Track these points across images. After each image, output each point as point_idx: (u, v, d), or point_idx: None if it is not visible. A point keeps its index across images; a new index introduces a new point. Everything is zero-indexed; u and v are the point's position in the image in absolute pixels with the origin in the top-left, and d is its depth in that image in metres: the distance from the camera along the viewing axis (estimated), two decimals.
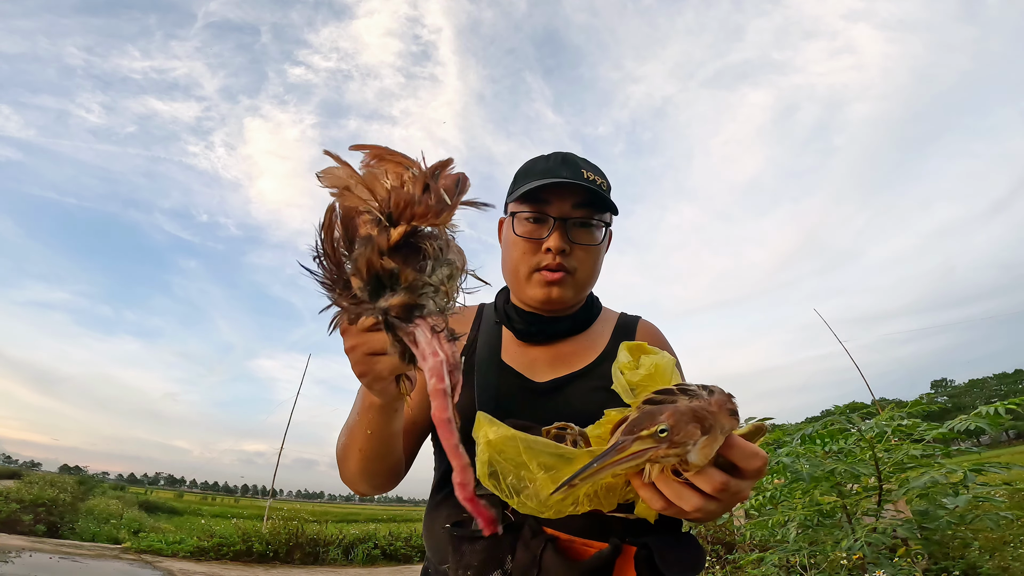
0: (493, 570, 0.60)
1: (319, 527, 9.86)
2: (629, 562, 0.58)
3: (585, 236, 0.82)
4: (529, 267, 0.83)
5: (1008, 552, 2.30)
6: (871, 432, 2.07)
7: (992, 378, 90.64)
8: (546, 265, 0.81)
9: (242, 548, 8.29)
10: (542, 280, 0.82)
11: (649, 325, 0.94)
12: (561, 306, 0.85)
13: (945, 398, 58.28)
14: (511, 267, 0.86)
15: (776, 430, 2.78)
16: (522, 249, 0.83)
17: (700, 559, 0.64)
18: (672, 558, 0.59)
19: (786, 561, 2.56)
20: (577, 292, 0.85)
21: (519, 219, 0.83)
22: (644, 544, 0.59)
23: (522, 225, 0.82)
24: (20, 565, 6.03)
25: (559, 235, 0.80)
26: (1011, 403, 1.85)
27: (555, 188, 0.80)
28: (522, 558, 0.59)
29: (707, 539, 4.21)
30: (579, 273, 0.83)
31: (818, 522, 2.30)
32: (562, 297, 0.83)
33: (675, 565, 0.59)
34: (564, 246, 0.80)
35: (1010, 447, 52.25)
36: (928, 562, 2.26)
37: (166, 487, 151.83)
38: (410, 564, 9.71)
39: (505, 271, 0.89)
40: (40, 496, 10.01)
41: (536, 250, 0.82)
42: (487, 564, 0.60)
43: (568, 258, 0.81)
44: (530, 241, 0.82)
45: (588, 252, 0.83)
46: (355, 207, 0.47)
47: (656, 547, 0.59)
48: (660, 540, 0.60)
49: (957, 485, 1.86)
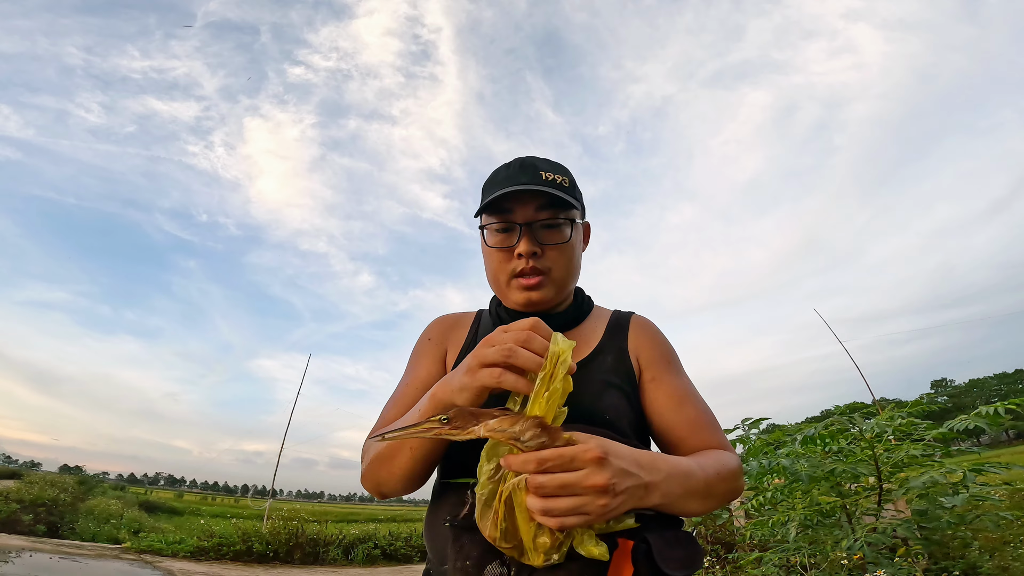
0: (491, 560, 0.60)
1: (319, 527, 9.85)
2: (627, 557, 0.58)
3: (553, 236, 0.83)
4: (507, 274, 0.85)
5: (1008, 552, 2.30)
6: (871, 432, 2.07)
7: (992, 378, 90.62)
8: (521, 271, 0.83)
9: (242, 548, 8.30)
10: (520, 286, 0.84)
11: (643, 319, 0.94)
12: (545, 307, 0.86)
13: (945, 398, 58.30)
14: (491, 277, 0.88)
15: (776, 430, 2.78)
16: (497, 259, 0.85)
17: (698, 556, 0.64)
18: (670, 555, 0.59)
19: (786, 561, 2.56)
20: (558, 291, 0.86)
21: (489, 231, 0.85)
22: (643, 539, 0.59)
23: (492, 236, 0.85)
24: (20, 565, 6.03)
25: (527, 240, 0.81)
26: (1011, 403, 1.85)
27: (516, 195, 0.82)
28: None
29: (707, 539, 4.21)
30: (555, 272, 0.84)
31: (818, 522, 2.30)
32: (543, 299, 0.84)
33: (673, 562, 0.59)
34: (535, 249, 0.82)
35: (1010, 447, 52.26)
36: (928, 562, 2.26)
37: (166, 487, 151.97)
38: (410, 564, 9.71)
39: (488, 280, 0.91)
40: (40, 496, 10.02)
41: (509, 258, 0.84)
42: (486, 555, 0.60)
43: (541, 260, 0.83)
44: (502, 250, 0.84)
45: (560, 251, 0.84)
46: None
47: (655, 542, 0.59)
48: (659, 536, 0.60)
49: (957, 485, 1.86)
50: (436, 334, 0.95)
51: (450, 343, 0.93)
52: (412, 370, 0.92)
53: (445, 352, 0.92)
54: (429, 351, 0.92)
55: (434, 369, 0.90)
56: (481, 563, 0.60)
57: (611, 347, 0.87)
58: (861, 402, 9.05)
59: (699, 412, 0.84)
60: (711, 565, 3.67)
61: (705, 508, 0.71)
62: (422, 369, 0.90)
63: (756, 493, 2.63)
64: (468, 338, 0.92)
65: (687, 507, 0.67)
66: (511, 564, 0.59)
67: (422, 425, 0.59)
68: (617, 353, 0.86)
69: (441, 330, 0.95)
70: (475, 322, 0.95)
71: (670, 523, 0.66)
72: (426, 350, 0.93)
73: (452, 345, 0.92)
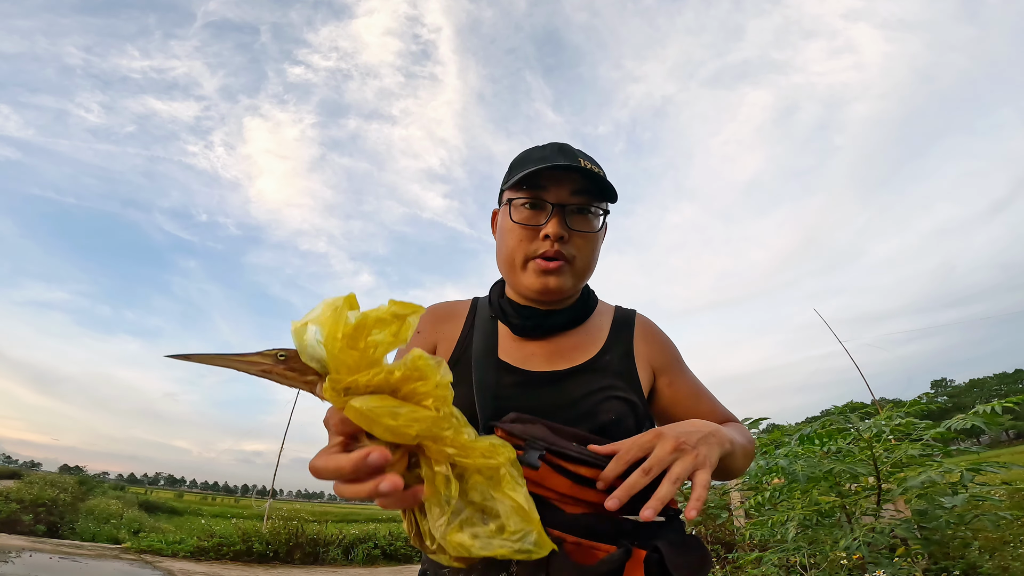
0: (499, 572, 0.58)
1: (319, 527, 9.83)
2: (639, 566, 0.56)
3: (583, 223, 0.80)
4: (525, 254, 0.80)
5: (1008, 552, 2.30)
6: (869, 432, 2.07)
7: (992, 378, 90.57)
8: (543, 252, 0.78)
9: (242, 548, 8.29)
10: (539, 268, 0.79)
11: (647, 320, 0.93)
12: (559, 296, 0.82)
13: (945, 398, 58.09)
14: (506, 255, 0.82)
15: (775, 430, 2.79)
16: (518, 236, 0.80)
17: (707, 562, 0.63)
18: (681, 562, 0.58)
19: (786, 561, 2.56)
20: (576, 281, 0.82)
21: (515, 206, 0.79)
22: (655, 548, 0.58)
23: (519, 212, 0.79)
24: (20, 565, 6.03)
25: (557, 221, 0.77)
26: (1008, 402, 1.85)
27: (552, 174, 0.77)
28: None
29: (707, 539, 4.20)
30: (577, 261, 0.80)
31: (817, 522, 2.30)
32: (560, 286, 0.80)
33: (684, 568, 0.58)
34: (563, 232, 0.77)
35: (1009, 447, 52.20)
36: (928, 562, 2.27)
37: (166, 487, 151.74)
38: (410, 564, 9.70)
39: (500, 261, 0.86)
40: (40, 496, 10.00)
41: (533, 237, 0.79)
42: (493, 566, 0.58)
43: (566, 245, 0.78)
44: (527, 228, 0.79)
45: (586, 240, 0.80)
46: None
47: (665, 550, 0.58)
48: (669, 543, 0.59)
49: (956, 485, 1.86)
50: (426, 326, 0.90)
51: (441, 337, 0.88)
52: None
53: (434, 346, 0.87)
54: (416, 344, 0.87)
55: None
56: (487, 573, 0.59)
57: (617, 347, 0.86)
58: (860, 402, 9.04)
59: (715, 404, 0.89)
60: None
61: (743, 466, 0.77)
62: None
63: (755, 493, 2.63)
64: (463, 333, 0.88)
65: (737, 463, 0.73)
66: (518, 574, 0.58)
67: (253, 355, 0.51)
68: (623, 353, 0.85)
69: (432, 322, 0.90)
70: (470, 314, 0.91)
71: (677, 528, 0.66)
72: (415, 343, 0.88)
73: (443, 339, 0.88)
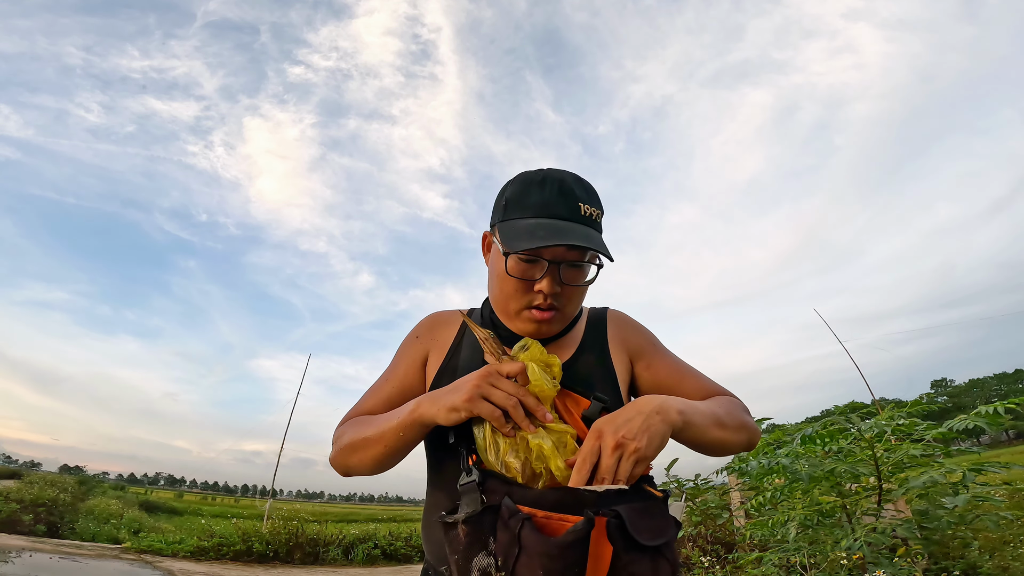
0: (479, 551, 0.62)
1: (319, 527, 9.83)
2: (603, 532, 0.60)
3: (577, 276, 0.83)
4: (520, 305, 0.83)
5: (1008, 552, 2.30)
6: (870, 432, 2.07)
7: (992, 378, 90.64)
8: (536, 304, 0.82)
9: (242, 548, 8.29)
10: (532, 318, 0.83)
11: (618, 312, 0.98)
12: (547, 336, 0.87)
13: (945, 398, 58.18)
14: (500, 301, 0.86)
15: (776, 430, 2.79)
16: (513, 287, 0.82)
17: (670, 525, 0.66)
18: (643, 525, 0.61)
19: (786, 561, 2.55)
20: (563, 324, 0.88)
21: (513, 259, 0.81)
22: (616, 514, 0.60)
23: (516, 265, 0.81)
24: (20, 565, 6.03)
25: (551, 280, 0.80)
26: (1010, 403, 1.85)
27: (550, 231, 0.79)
28: (503, 538, 0.61)
29: (707, 539, 4.20)
30: (567, 308, 0.85)
31: (818, 522, 2.30)
32: (549, 332, 0.86)
33: (646, 532, 0.61)
34: (556, 289, 0.81)
35: (1010, 447, 52.26)
36: (928, 562, 2.26)
37: (166, 487, 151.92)
38: (410, 564, 9.71)
39: (493, 299, 0.89)
40: (40, 496, 10.00)
41: (528, 289, 0.82)
42: (473, 546, 0.63)
43: (558, 298, 0.82)
44: (522, 281, 0.81)
45: (578, 289, 0.84)
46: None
47: (627, 515, 0.61)
48: (630, 509, 0.62)
49: (957, 485, 1.86)
50: (423, 332, 0.96)
51: (434, 344, 0.93)
52: (394, 366, 0.94)
53: (428, 352, 0.93)
54: (414, 349, 0.94)
55: (412, 370, 0.92)
56: (469, 554, 0.63)
57: (593, 345, 0.90)
58: (860, 402, 9.05)
59: (701, 380, 0.91)
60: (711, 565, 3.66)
61: (727, 436, 0.80)
62: (401, 367, 0.93)
63: (756, 493, 2.63)
64: (455, 341, 0.92)
65: (708, 433, 0.76)
66: (496, 552, 0.61)
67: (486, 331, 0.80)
68: (599, 350, 0.90)
69: (429, 329, 0.96)
70: (463, 324, 0.94)
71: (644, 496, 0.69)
72: (412, 348, 0.95)
73: (435, 346, 0.93)
